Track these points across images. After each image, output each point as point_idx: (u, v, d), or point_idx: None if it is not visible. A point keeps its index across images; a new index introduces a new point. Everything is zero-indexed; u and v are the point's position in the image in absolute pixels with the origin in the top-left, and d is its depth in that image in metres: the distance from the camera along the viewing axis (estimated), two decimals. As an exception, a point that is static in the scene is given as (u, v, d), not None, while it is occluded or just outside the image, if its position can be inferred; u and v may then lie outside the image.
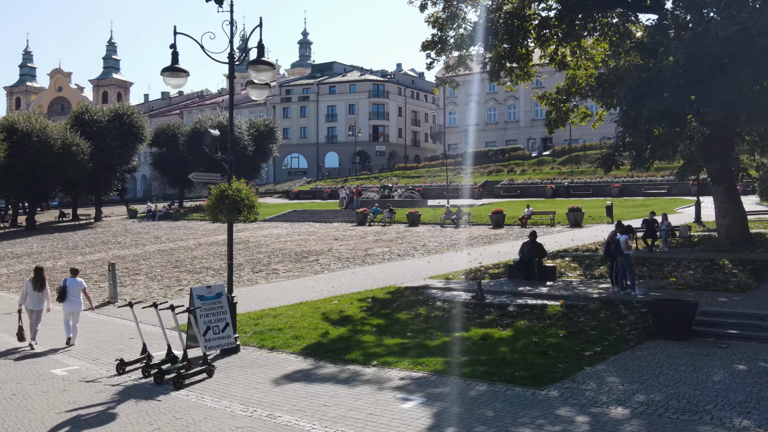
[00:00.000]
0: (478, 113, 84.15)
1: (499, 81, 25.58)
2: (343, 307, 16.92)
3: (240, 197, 12.99)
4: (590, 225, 33.94)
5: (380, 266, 24.35)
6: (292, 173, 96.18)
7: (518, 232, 33.08)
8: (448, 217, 39.05)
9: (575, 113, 27.68)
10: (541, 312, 15.20)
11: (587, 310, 15.05)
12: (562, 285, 17.98)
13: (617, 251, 16.09)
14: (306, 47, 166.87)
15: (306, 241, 33.97)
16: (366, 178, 75.40)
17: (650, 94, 17.06)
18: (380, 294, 18.54)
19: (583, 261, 21.65)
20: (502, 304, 16.08)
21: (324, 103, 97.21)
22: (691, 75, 16.64)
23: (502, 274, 20.53)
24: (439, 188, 62.35)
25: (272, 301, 18.47)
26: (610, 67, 25.12)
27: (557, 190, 55.02)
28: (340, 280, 21.66)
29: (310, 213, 50.83)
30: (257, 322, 15.46)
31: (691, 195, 47.50)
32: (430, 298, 17.57)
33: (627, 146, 21.53)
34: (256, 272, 24.40)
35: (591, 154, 63.73)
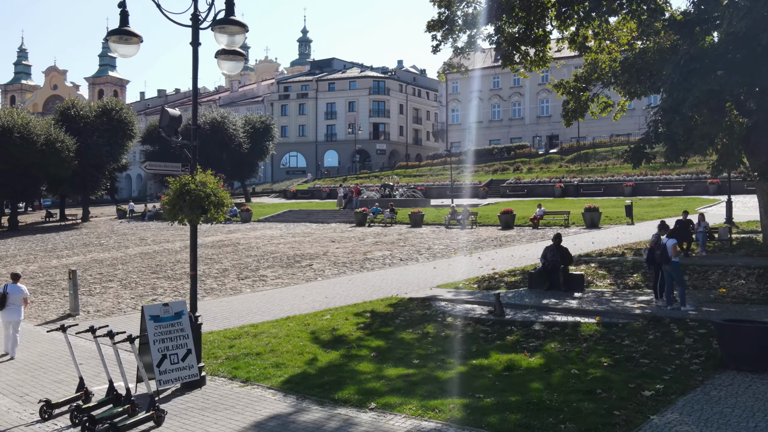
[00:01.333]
0: (481, 110, 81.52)
1: (512, 66, 22.96)
2: (337, 323, 14.32)
3: (205, 192, 10.41)
4: (609, 226, 31.32)
5: (380, 272, 21.76)
6: (291, 172, 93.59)
7: (530, 234, 30.48)
8: (453, 218, 36.46)
9: (595, 103, 25.08)
10: (574, 332, 12.60)
11: (631, 330, 12.45)
12: (592, 297, 15.37)
13: (663, 258, 13.48)
14: (306, 45, 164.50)
15: (300, 243, 31.37)
16: (366, 177, 72.81)
17: (700, 71, 14.47)
18: (380, 307, 15.95)
19: (612, 267, 19.04)
20: (526, 321, 13.47)
21: (323, 101, 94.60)
22: (748, 49, 14.03)
23: (520, 282, 17.92)
24: (442, 187, 59.84)
25: (255, 314, 15.88)
26: (637, 50, 22.55)
27: (566, 189, 52.44)
28: (334, 288, 19.07)
29: (306, 213, 48.25)
30: (233, 343, 12.85)
31: (710, 194, 45.05)
32: (439, 312, 14.96)
33: (661, 137, 18.90)
34: (241, 279, 21.80)
35: (600, 151, 61.24)
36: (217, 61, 11.38)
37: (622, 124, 68.84)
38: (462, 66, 22.95)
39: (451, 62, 22.67)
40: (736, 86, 14.43)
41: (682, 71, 14.83)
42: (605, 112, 25.33)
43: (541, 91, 77.13)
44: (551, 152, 67.08)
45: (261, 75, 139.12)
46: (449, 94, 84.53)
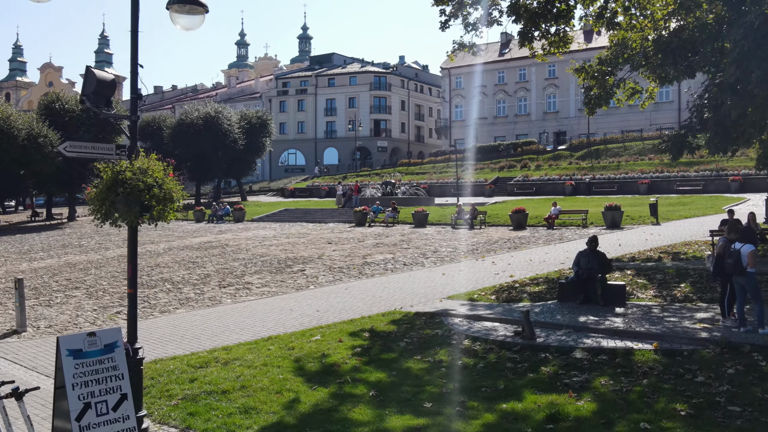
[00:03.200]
0: (486, 106, 78.79)
1: (530, 46, 20.25)
2: (328, 346, 11.64)
3: (146, 183, 7.74)
4: (632, 226, 28.62)
5: (381, 279, 19.08)
6: (289, 170, 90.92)
7: (546, 235, 27.80)
8: (460, 217, 33.79)
9: (621, 89, 22.37)
10: (627, 362, 9.93)
11: (701, 360, 9.78)
12: (639, 313, 12.69)
13: (737, 268, 10.78)
14: (306, 42, 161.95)
15: (294, 245, 28.70)
16: (367, 175, 70.11)
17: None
18: (381, 323, 13.27)
19: (653, 276, 16.34)
20: (563, 345, 10.79)
21: (323, 97, 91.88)
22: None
23: (547, 293, 15.23)
24: (447, 185, 57.22)
25: (232, 332, 13.22)
26: (673, 27, 19.89)
27: (577, 186, 49.73)
28: (328, 299, 16.38)
29: (303, 212, 45.59)
30: (196, 375, 10.17)
31: (731, 192, 42.40)
32: (453, 332, 12.28)
33: (708, 123, 16.24)
34: (223, 287, 19.12)
35: (612, 147, 58.59)
36: (170, 15, 8.68)
37: (632, 120, 66.31)
38: (474, 45, 20.21)
39: (462, 41, 19.95)
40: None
41: (756, 36, 12.14)
42: (632, 100, 22.59)
43: (547, 86, 74.42)
44: (560, 149, 64.32)
45: (260, 72, 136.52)
46: (452, 89, 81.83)
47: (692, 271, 16.31)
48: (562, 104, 73.69)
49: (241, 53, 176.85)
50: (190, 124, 59.34)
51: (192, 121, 59.45)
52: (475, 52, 20.20)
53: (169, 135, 60.34)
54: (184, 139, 59.22)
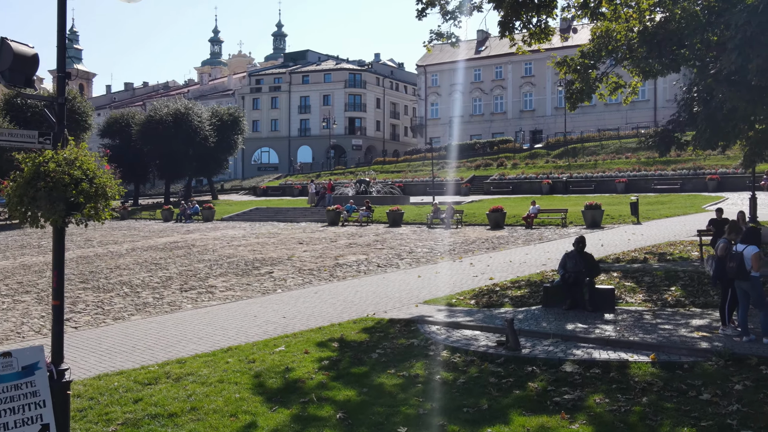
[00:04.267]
0: (462, 104, 78.02)
1: (511, 37, 19.30)
2: (293, 359, 10.54)
3: (73, 176, 6.59)
4: (612, 226, 27.85)
5: (354, 282, 17.99)
6: (262, 168, 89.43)
7: (525, 235, 26.92)
8: (436, 216, 32.82)
9: (604, 83, 21.49)
10: (622, 376, 8.97)
11: (704, 374, 8.85)
12: (630, 320, 11.76)
13: (740, 272, 9.87)
14: (280, 39, 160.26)
15: (263, 245, 27.51)
16: (341, 173, 68.98)
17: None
18: (352, 332, 12.20)
19: (641, 278, 15.44)
20: (551, 357, 9.81)
21: (297, 94, 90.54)
22: None
23: (530, 298, 14.26)
24: (422, 184, 56.36)
25: (189, 342, 12.05)
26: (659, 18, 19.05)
27: (554, 185, 49.11)
28: (296, 304, 15.26)
29: (274, 211, 44.35)
30: (141, 395, 9.02)
31: (709, 191, 41.99)
32: (430, 341, 11.25)
33: (698, 118, 15.40)
34: (185, 290, 17.91)
35: (589, 146, 58.13)
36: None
37: (609, 119, 66.03)
38: (452, 35, 19.18)
39: (440, 30, 18.92)
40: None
41: (761, 20, 11.24)
42: (615, 94, 21.71)
43: (524, 84, 73.86)
44: (536, 147, 63.72)
45: (234, 69, 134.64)
46: (428, 87, 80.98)
47: (682, 273, 15.47)
48: (538, 102, 73.16)
49: (214, 50, 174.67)
50: (159, 120, 57.71)
51: (161, 118, 57.83)
52: (453, 43, 19.14)
53: (138, 132, 58.68)
54: (153, 137, 57.59)
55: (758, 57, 11.45)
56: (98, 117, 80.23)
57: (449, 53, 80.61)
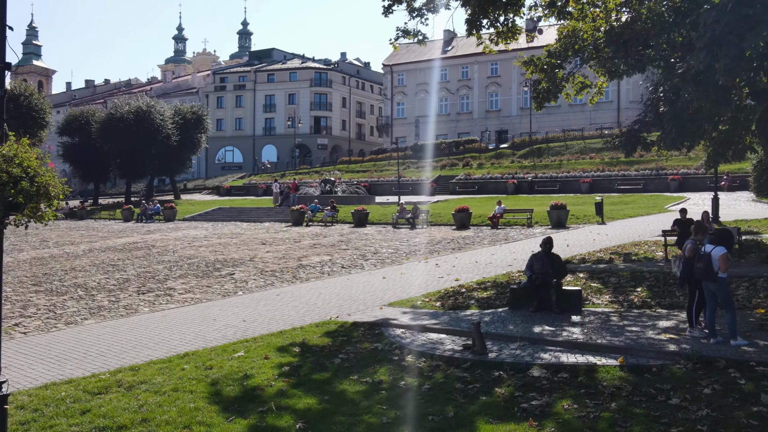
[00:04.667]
0: (428, 104, 77.97)
1: (478, 35, 19.11)
2: (252, 365, 10.14)
3: (12, 174, 6.14)
4: (577, 226, 27.87)
5: (317, 284, 17.61)
6: (226, 168, 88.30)
7: (491, 235, 26.80)
8: (402, 216, 32.56)
9: (571, 83, 21.44)
10: (590, 381, 8.76)
11: (673, 378, 8.68)
12: (597, 322, 11.58)
13: (707, 273, 9.74)
14: (246, 38, 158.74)
15: (226, 246, 26.95)
16: (306, 173, 68.42)
17: (755, 19, 10.85)
18: (314, 336, 11.84)
19: (607, 279, 15.32)
20: (518, 362, 9.56)
21: (262, 93, 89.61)
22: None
23: (496, 299, 14.03)
24: (388, 183, 56.13)
25: (144, 348, 11.56)
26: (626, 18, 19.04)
27: (520, 185, 49.23)
28: (257, 307, 14.83)
29: (238, 211, 43.69)
30: (89, 406, 8.54)
31: (671, 191, 42.48)
32: (394, 345, 10.94)
33: (664, 118, 15.34)
34: (142, 293, 17.34)
35: (554, 146, 58.48)
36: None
37: (573, 119, 66.56)
38: (419, 33, 18.88)
39: (406, 27, 18.63)
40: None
41: (729, 20, 11.13)
42: (581, 94, 21.72)
43: (490, 84, 74.10)
44: (502, 147, 63.89)
45: (198, 67, 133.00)
46: (394, 86, 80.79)
47: (647, 274, 15.39)
48: (504, 102, 73.44)
49: (178, 48, 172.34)
50: (120, 118, 56.47)
51: (122, 116, 56.59)
52: (420, 41, 18.84)
53: (98, 130, 57.35)
54: (113, 135, 56.33)
55: (726, 57, 11.37)
56: (57, 114, 78.56)
57: (416, 53, 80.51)
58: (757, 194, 35.71)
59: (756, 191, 35.84)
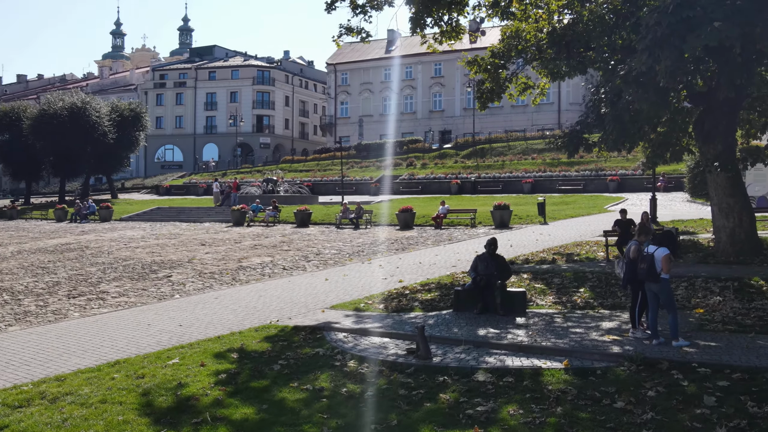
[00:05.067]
0: (372, 103, 77.84)
1: (422, 34, 18.95)
2: (187, 372, 9.68)
3: None
4: (520, 226, 28.03)
5: (257, 286, 17.14)
6: (166, 167, 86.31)
7: (435, 235, 26.71)
8: (345, 216, 32.24)
9: (514, 84, 21.50)
10: (536, 385, 8.62)
11: (617, 381, 8.60)
12: (541, 324, 11.50)
13: (650, 274, 9.72)
14: (187, 34, 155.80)
15: (164, 247, 26.16)
16: (248, 172, 67.39)
17: (695, 21, 10.92)
18: (254, 341, 11.43)
19: (550, 280, 15.31)
20: (463, 366, 9.37)
21: (203, 90, 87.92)
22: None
23: (440, 301, 13.84)
24: (332, 183, 55.75)
25: (72, 356, 10.95)
26: (567, 20, 19.16)
27: (463, 185, 49.48)
28: (194, 311, 14.30)
29: (177, 211, 42.64)
30: (8, 421, 7.97)
31: (610, 191, 43.32)
32: (336, 350, 10.62)
33: (606, 119, 15.44)
34: (73, 297, 16.58)
35: (497, 147, 59.02)
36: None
37: (515, 120, 67.34)
38: (363, 30, 18.59)
39: (350, 25, 18.32)
40: (737, 39, 10.92)
41: (671, 21, 11.17)
42: (524, 95, 21.79)
43: (433, 85, 74.37)
44: (445, 147, 64.15)
45: (137, 63, 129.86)
46: (338, 86, 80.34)
47: (590, 274, 15.45)
48: (447, 103, 73.80)
49: (116, 43, 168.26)
50: (53, 115, 54.43)
51: (56, 112, 54.56)
52: (364, 38, 18.57)
53: (30, 126, 55.20)
54: (46, 132, 54.27)
55: (667, 59, 11.43)
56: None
57: (359, 52, 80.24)
58: (692, 195, 36.70)
59: (690, 192, 36.84)
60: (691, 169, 36.24)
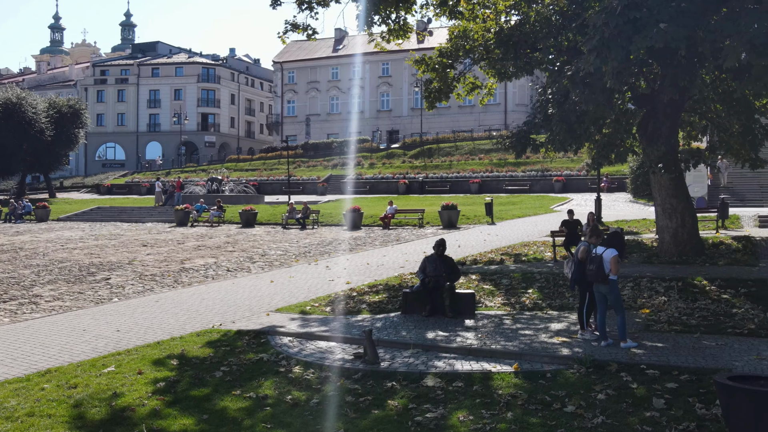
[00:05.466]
0: (319, 102, 77.29)
1: (369, 32, 18.71)
2: (123, 381, 9.22)
3: None
4: (468, 226, 28.07)
5: (200, 289, 16.62)
6: (108, 165, 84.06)
7: (382, 236, 26.53)
8: (292, 216, 31.80)
9: (462, 83, 21.45)
10: (486, 389, 8.45)
11: (567, 384, 8.50)
12: (490, 326, 11.37)
13: (598, 275, 9.67)
14: (129, 30, 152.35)
15: (103, 248, 25.30)
16: (193, 171, 66.11)
17: (642, 23, 10.92)
18: (195, 346, 10.99)
19: (499, 281, 15.24)
20: (412, 371, 9.15)
21: (146, 87, 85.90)
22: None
23: (388, 303, 13.61)
24: (278, 183, 55.10)
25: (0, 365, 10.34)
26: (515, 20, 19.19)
27: (411, 185, 49.52)
28: (133, 315, 13.74)
29: (118, 210, 41.47)
30: (-76, 438, 7.43)
31: (555, 192, 43.90)
32: (282, 356, 10.28)
33: (553, 120, 15.45)
34: (3, 301, 15.76)
35: (444, 147, 59.25)
36: None
37: (462, 121, 67.75)
38: (309, 27, 18.23)
39: (295, 21, 17.93)
40: (682, 41, 10.97)
41: (618, 22, 11.16)
42: (472, 95, 21.78)
43: (381, 84, 74.27)
44: (393, 147, 64.11)
45: (77, 59, 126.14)
46: (285, 84, 79.52)
47: (538, 275, 15.45)
48: (395, 103, 73.79)
49: (55, 38, 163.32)
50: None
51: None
52: (310, 35, 18.21)
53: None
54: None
55: (614, 60, 11.44)
56: None
57: (307, 50, 79.60)
58: (634, 195, 37.44)
59: (633, 192, 37.58)
60: (634, 170, 36.99)
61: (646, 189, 36.27)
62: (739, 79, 15.02)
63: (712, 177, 31.61)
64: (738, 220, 23.95)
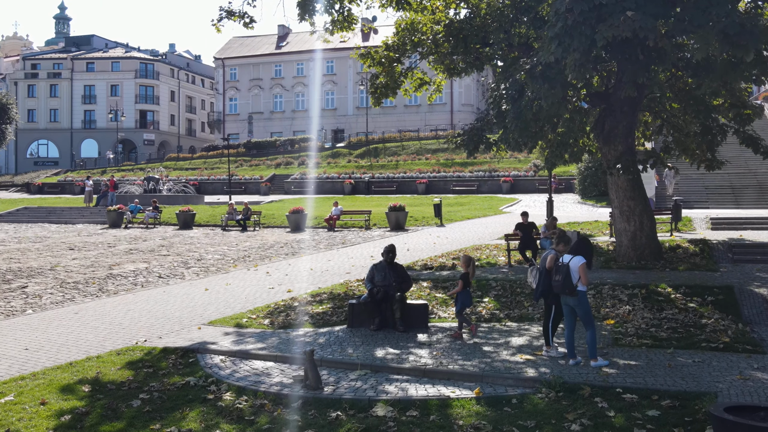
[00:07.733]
0: (262, 100, 75.42)
1: (311, 22, 17.51)
2: (20, 415, 7.85)
3: None
4: (416, 228, 27.09)
5: (127, 298, 15.15)
6: (39, 163, 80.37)
7: (327, 238, 25.33)
8: (232, 218, 30.32)
9: (409, 79, 20.47)
10: (443, 418, 7.41)
11: (536, 411, 7.51)
12: (446, 341, 10.34)
13: (566, 287, 8.73)
14: (64, 23, 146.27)
15: (25, 252, 23.42)
16: (130, 170, 63.53)
17: (608, 10, 10.05)
18: (113, 367, 9.66)
19: (451, 289, 14.22)
20: (360, 398, 8.03)
21: (80, 82, 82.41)
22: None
23: (333, 314, 12.45)
24: (219, 182, 53.32)
25: None
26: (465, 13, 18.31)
27: (357, 185, 48.37)
28: (47, 329, 12.23)
29: (47, 211, 39.11)
30: None
31: (503, 192, 43.37)
32: (211, 379, 9.03)
33: (507, 117, 14.55)
34: None
35: (391, 146, 58.33)
36: None
37: (408, 120, 66.99)
38: (245, 15, 16.91)
39: (231, 8, 16.62)
40: (651, 31, 10.15)
41: (583, 9, 10.27)
42: (420, 91, 20.81)
43: (326, 82, 72.86)
44: (338, 146, 62.83)
45: (7, 52, 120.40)
46: (226, 81, 77.33)
47: (493, 282, 14.51)
48: (340, 101, 72.51)
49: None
50: None
51: None
52: (247, 24, 16.91)
53: None
54: None
55: (576, 50, 10.57)
56: None
57: (249, 47, 77.68)
58: (582, 196, 37.13)
59: (581, 193, 37.27)
60: (582, 171, 36.70)
61: (594, 190, 36.05)
62: (698, 76, 14.43)
63: (659, 178, 31.40)
64: (690, 222, 23.57)
